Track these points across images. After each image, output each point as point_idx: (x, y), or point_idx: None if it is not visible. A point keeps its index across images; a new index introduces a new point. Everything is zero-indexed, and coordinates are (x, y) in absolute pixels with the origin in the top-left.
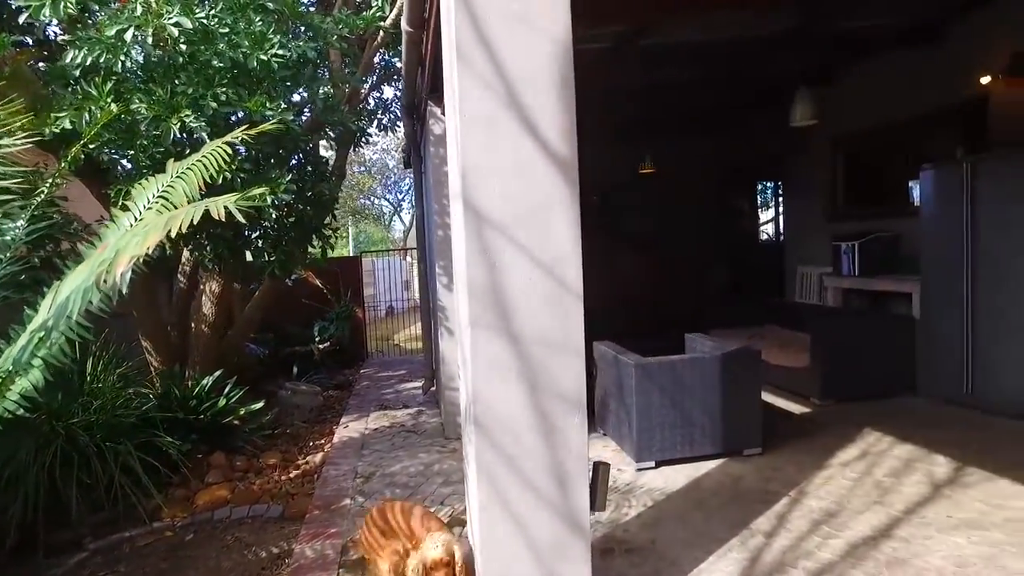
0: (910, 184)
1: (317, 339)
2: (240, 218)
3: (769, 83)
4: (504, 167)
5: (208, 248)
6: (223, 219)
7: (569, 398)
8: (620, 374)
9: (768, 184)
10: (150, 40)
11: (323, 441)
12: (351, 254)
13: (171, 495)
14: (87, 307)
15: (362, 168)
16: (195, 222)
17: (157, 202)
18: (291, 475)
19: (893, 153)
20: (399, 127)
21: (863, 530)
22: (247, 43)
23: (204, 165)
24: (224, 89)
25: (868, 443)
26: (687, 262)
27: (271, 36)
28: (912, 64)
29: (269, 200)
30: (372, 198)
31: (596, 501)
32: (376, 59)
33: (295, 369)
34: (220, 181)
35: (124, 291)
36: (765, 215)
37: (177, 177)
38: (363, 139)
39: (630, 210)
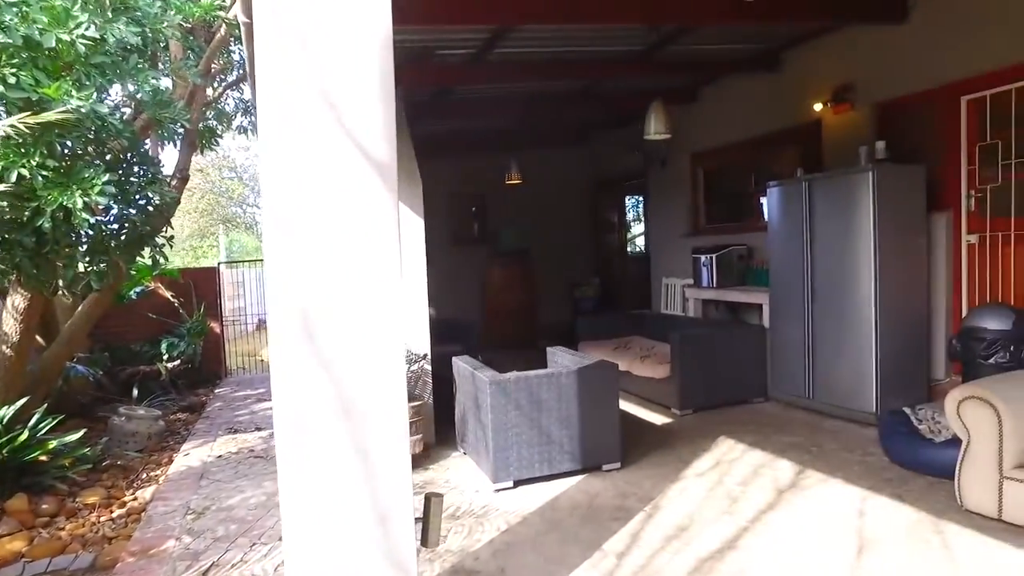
0: (761, 200)
1: (165, 357)
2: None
3: (633, 100)
4: (308, 170)
5: (4, 256)
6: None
7: (391, 425)
8: (476, 391)
9: (639, 198)
10: None
11: (159, 472)
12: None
13: None
14: None
15: (232, 174)
16: None
17: None
18: (113, 515)
19: (746, 170)
20: None
21: (712, 543)
22: (45, 18)
23: None
24: (15, 71)
25: (722, 452)
26: (561, 274)
27: (76, 14)
28: (760, 88)
29: (80, 202)
30: (244, 206)
31: (428, 536)
32: (238, 56)
33: (135, 391)
34: (14, 178)
35: None
36: (638, 228)
37: None
38: (212, 141)
39: (504, 222)
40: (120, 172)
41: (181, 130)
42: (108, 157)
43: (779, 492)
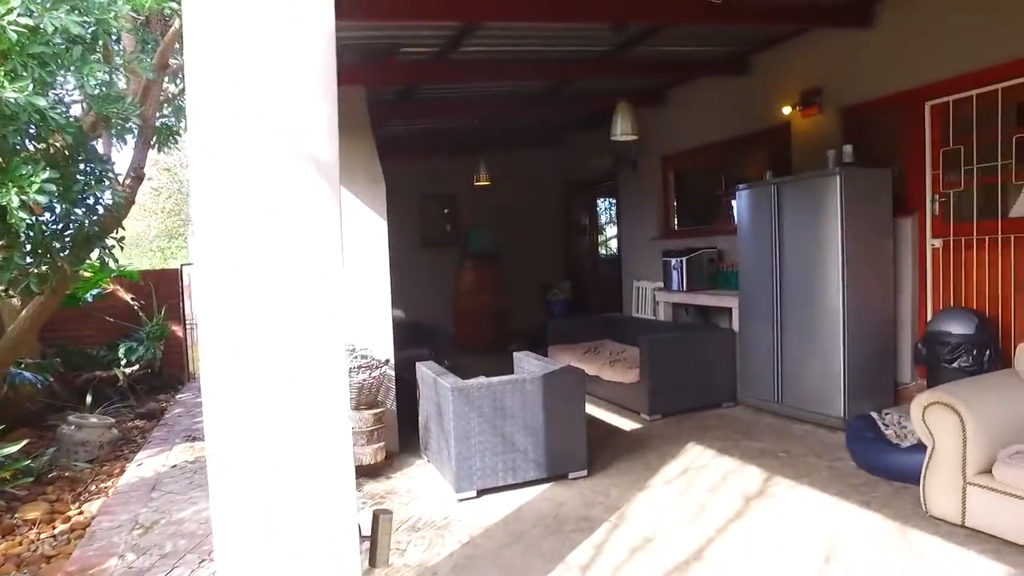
0: (732, 203)
1: (123, 362)
2: None
3: (603, 100)
4: (239, 169)
5: None
6: None
7: (332, 437)
8: (439, 398)
9: (613, 200)
10: None
11: (109, 484)
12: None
13: None
14: None
15: None
16: None
17: None
18: (55, 531)
19: (717, 173)
20: None
21: (678, 554)
22: None
23: None
24: None
25: (690, 458)
26: (533, 276)
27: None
28: (730, 91)
29: (16, 201)
30: None
31: (376, 556)
32: None
33: (89, 398)
34: None
35: None
36: (612, 230)
37: None
38: (171, 139)
39: (475, 223)
40: (63, 169)
41: (133, 127)
42: (52, 153)
43: (747, 500)
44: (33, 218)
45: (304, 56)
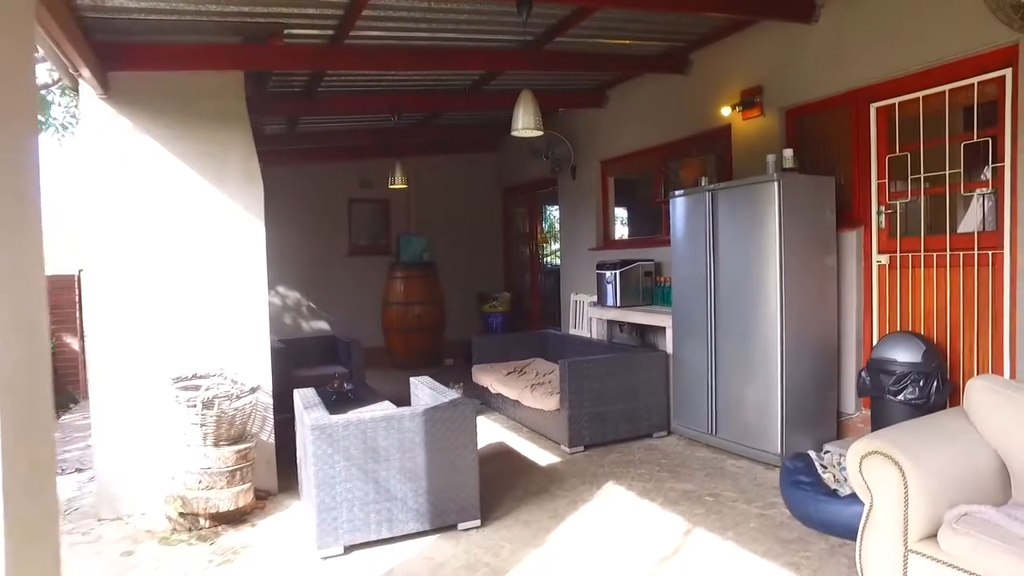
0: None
1: None
2: None
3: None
4: None
5: None
6: None
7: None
8: (304, 435)
9: (556, 207)
10: None
11: None
12: None
13: None
14: None
15: None
16: None
17: None
18: None
19: (657, 179)
20: None
21: None
22: None
23: None
24: None
25: (606, 503)
26: (471, 287)
27: None
28: (670, 91)
29: None
30: None
31: None
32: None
33: None
34: None
35: None
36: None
37: None
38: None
39: (407, 232)
40: None
41: None
42: None
43: (661, 560)
44: None
45: None
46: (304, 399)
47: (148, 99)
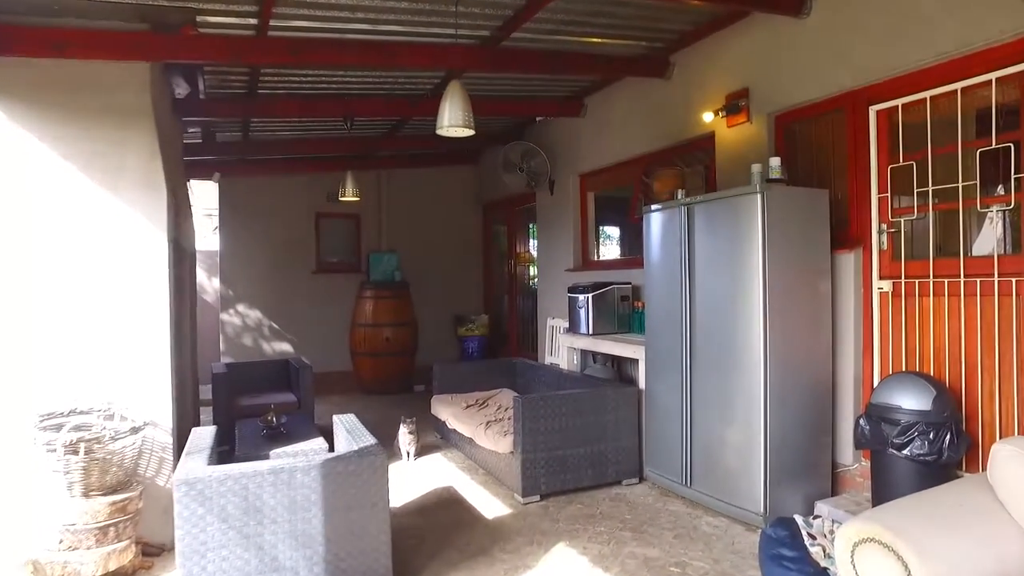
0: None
1: None
2: None
3: (510, 106)
4: None
5: None
6: None
7: None
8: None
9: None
10: None
11: None
12: None
13: None
14: None
15: None
16: None
17: None
18: None
19: (635, 193)
20: None
21: None
22: None
23: None
24: None
25: (551, 571)
26: (447, 309)
27: None
28: (650, 97)
29: None
30: None
31: None
32: None
33: None
34: None
35: None
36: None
37: None
38: None
39: (379, 250)
40: None
41: None
42: None
43: None
44: None
45: None
46: (194, 441)
47: (29, 90)
